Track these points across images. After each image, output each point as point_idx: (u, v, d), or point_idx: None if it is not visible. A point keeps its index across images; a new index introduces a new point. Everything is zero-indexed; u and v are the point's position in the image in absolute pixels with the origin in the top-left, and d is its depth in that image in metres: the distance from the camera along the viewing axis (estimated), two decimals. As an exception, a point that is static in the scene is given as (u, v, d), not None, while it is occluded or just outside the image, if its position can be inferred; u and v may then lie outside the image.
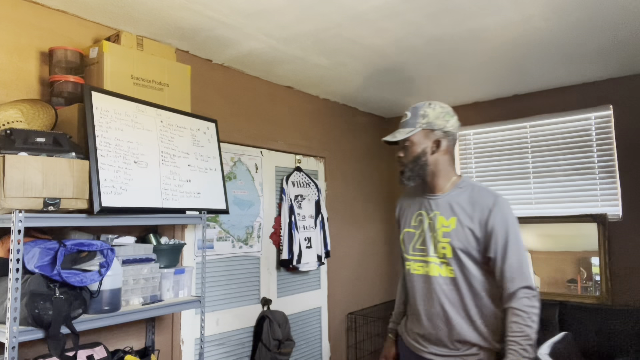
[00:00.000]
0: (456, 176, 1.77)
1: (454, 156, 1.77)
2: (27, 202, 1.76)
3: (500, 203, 1.65)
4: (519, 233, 1.63)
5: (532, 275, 1.59)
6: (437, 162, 1.73)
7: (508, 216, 1.63)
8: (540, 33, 2.86)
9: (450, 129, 1.72)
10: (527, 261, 1.61)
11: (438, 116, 1.70)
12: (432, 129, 1.70)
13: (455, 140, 1.77)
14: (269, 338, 3.27)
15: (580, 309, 3.65)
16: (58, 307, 1.80)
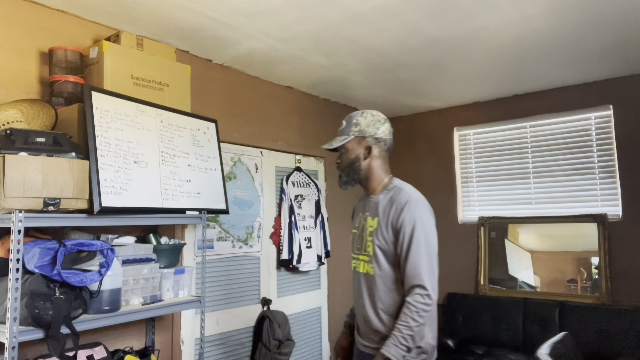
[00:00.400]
0: (387, 178, 1.87)
1: (387, 160, 1.90)
2: (27, 202, 1.76)
3: (412, 203, 1.71)
4: (427, 233, 1.68)
5: (431, 276, 1.64)
6: (370, 167, 1.85)
7: (417, 216, 1.69)
8: (540, 33, 2.86)
9: (381, 136, 1.84)
10: (429, 262, 1.65)
11: (369, 124, 1.84)
12: (364, 136, 1.83)
13: (388, 146, 1.88)
14: (269, 338, 3.27)
15: (580, 309, 3.65)
16: (58, 307, 1.80)
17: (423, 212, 1.71)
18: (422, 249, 1.66)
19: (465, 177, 4.57)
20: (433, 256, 1.68)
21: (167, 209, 2.24)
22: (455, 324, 4.21)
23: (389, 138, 1.86)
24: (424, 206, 1.73)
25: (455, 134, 4.64)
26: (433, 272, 1.65)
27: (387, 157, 1.90)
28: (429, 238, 1.68)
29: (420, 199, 1.75)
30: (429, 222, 1.71)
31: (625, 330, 3.42)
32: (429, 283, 1.62)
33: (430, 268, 1.65)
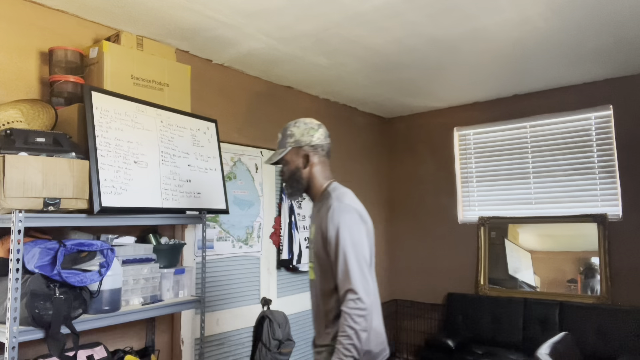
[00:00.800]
0: (327, 184, 1.85)
1: (327, 165, 1.89)
2: (27, 202, 1.76)
3: (336, 207, 1.69)
4: (353, 238, 1.64)
5: (362, 280, 1.60)
6: (310, 175, 1.84)
7: (341, 220, 1.66)
8: (540, 33, 2.86)
9: (317, 142, 1.83)
10: (358, 266, 1.61)
11: (303, 133, 1.83)
12: (300, 146, 1.83)
13: (326, 150, 1.87)
14: (269, 338, 3.27)
15: (580, 309, 3.65)
16: (58, 307, 1.80)
17: (349, 217, 1.67)
18: (350, 254, 1.62)
19: (465, 177, 4.57)
20: (362, 260, 1.63)
21: (167, 209, 2.24)
22: (455, 324, 4.21)
23: (325, 143, 1.86)
24: (350, 211, 1.69)
25: (455, 134, 4.64)
26: (364, 276, 1.61)
27: (327, 161, 1.89)
28: (356, 243, 1.64)
29: (348, 203, 1.70)
30: (355, 226, 1.66)
31: (625, 330, 3.42)
32: (360, 287, 1.58)
33: (359, 272, 1.60)
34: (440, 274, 4.60)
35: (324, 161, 1.86)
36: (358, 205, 1.75)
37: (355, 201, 1.75)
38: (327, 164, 1.88)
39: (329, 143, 1.89)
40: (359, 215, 1.70)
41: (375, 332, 1.69)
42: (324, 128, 1.87)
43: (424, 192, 4.80)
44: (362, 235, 1.67)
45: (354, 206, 1.71)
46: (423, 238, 4.77)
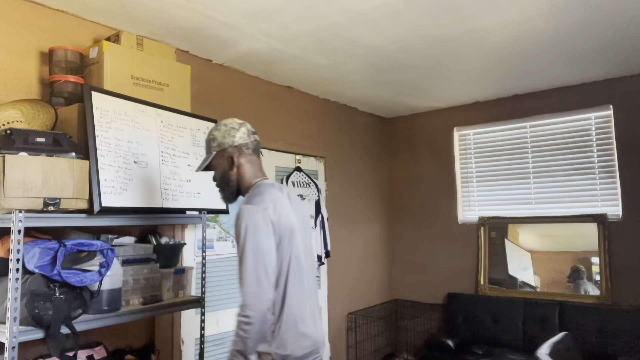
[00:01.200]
0: (254, 182, 1.81)
1: (256, 162, 1.85)
2: (27, 202, 1.76)
3: (241, 210, 1.65)
4: (252, 242, 1.60)
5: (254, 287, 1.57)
6: (239, 176, 1.81)
7: (242, 225, 1.62)
8: (540, 33, 2.86)
9: (240, 142, 1.80)
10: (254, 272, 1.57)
11: (224, 135, 1.80)
12: (224, 149, 1.80)
13: (252, 148, 1.83)
14: (269, 338, 3.27)
15: (580, 309, 3.65)
16: (58, 307, 1.80)
17: (252, 217, 1.62)
18: (246, 261, 1.58)
19: (465, 177, 4.57)
20: (260, 264, 1.58)
21: (167, 209, 2.24)
22: (455, 324, 4.21)
23: (250, 140, 1.82)
24: (254, 213, 1.62)
25: (455, 134, 4.64)
26: (258, 282, 1.57)
27: (257, 159, 1.85)
28: (256, 248, 1.59)
29: (254, 204, 1.64)
30: (258, 230, 1.60)
31: (625, 330, 3.42)
32: (249, 295, 1.56)
33: (254, 279, 1.57)
34: (440, 274, 4.60)
35: (252, 160, 1.83)
36: (271, 205, 1.66)
37: (268, 202, 1.66)
38: (256, 162, 1.84)
39: (255, 140, 1.86)
40: (265, 218, 1.63)
41: (299, 335, 1.65)
42: (246, 126, 1.84)
43: (424, 192, 4.80)
44: (265, 240, 1.61)
45: (263, 207, 1.64)
46: (423, 238, 4.77)
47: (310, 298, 1.75)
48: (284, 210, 1.70)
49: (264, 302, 1.57)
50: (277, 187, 1.80)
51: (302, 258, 1.74)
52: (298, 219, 1.79)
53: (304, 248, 1.78)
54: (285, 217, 1.70)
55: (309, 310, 1.73)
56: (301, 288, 1.71)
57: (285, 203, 1.74)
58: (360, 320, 4.38)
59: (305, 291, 1.73)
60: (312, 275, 1.82)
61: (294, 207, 1.81)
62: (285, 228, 1.68)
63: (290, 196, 1.85)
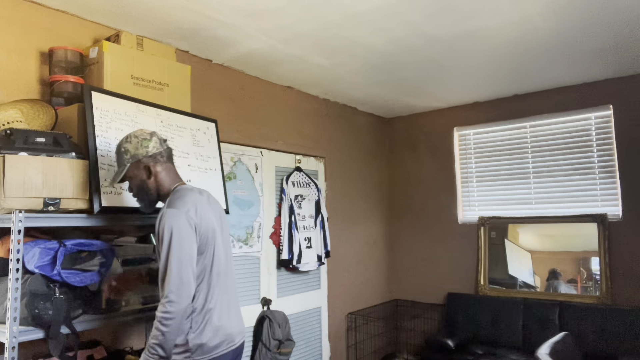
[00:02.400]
0: (173, 187, 1.89)
1: (171, 169, 1.92)
2: (27, 202, 1.76)
3: (164, 213, 1.74)
4: (176, 243, 1.68)
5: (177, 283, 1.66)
6: (157, 184, 1.88)
7: (165, 225, 1.70)
8: (540, 33, 2.86)
9: (154, 151, 1.87)
10: (177, 269, 1.66)
11: (137, 147, 1.85)
12: (139, 159, 1.85)
13: (166, 156, 1.90)
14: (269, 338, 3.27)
15: (580, 309, 3.65)
16: (58, 307, 1.80)
17: (175, 219, 1.70)
18: (173, 259, 1.67)
19: (465, 177, 4.57)
20: (183, 263, 1.68)
21: (167, 209, 2.23)
22: (455, 324, 4.21)
23: (163, 149, 1.89)
24: (177, 215, 1.71)
25: (455, 134, 4.64)
26: (181, 280, 1.66)
27: (171, 165, 1.93)
28: (178, 247, 1.68)
29: (176, 208, 1.73)
30: (179, 229, 1.69)
31: (625, 330, 3.42)
32: (173, 293, 1.64)
33: (177, 277, 1.66)
34: (440, 274, 4.60)
35: (167, 167, 1.90)
36: (192, 208, 1.76)
37: (189, 205, 1.76)
38: (171, 168, 1.92)
39: (167, 148, 1.92)
40: (187, 220, 1.72)
41: (215, 327, 1.78)
42: (157, 136, 1.90)
43: (424, 192, 4.80)
44: (188, 241, 1.71)
45: (185, 210, 1.73)
46: (423, 238, 4.77)
47: (227, 293, 1.89)
48: (204, 213, 1.82)
49: (186, 299, 1.67)
50: (197, 190, 1.89)
51: (222, 257, 1.87)
52: (217, 220, 1.91)
53: (223, 247, 1.91)
54: (206, 219, 1.81)
55: (225, 305, 1.86)
56: (219, 285, 1.84)
57: (205, 205, 1.85)
58: (360, 320, 4.38)
59: (223, 288, 1.86)
60: (230, 272, 1.95)
61: (214, 209, 1.92)
62: (207, 229, 1.80)
63: (210, 199, 1.94)
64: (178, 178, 1.93)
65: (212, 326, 1.78)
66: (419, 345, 4.57)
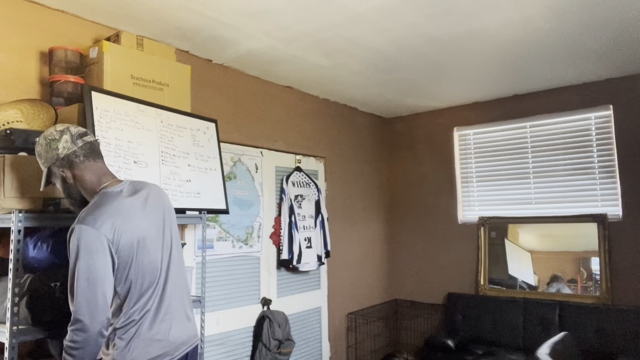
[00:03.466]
0: (99, 190, 1.67)
1: (93, 168, 1.67)
2: (27, 202, 1.76)
3: (73, 230, 1.53)
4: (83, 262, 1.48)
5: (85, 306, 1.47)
6: (82, 186, 1.67)
7: (73, 244, 1.51)
8: (540, 33, 2.86)
9: (65, 152, 1.63)
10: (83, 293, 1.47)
11: (47, 150, 1.64)
12: (53, 164, 1.64)
13: (83, 152, 1.65)
14: (269, 338, 3.28)
15: (580, 309, 3.65)
16: (58, 307, 1.80)
17: (83, 236, 1.50)
18: (80, 280, 1.48)
19: (465, 177, 4.57)
20: (92, 286, 1.48)
21: (167, 209, 2.23)
22: (455, 324, 4.21)
23: (76, 147, 1.64)
24: (85, 231, 1.50)
25: (455, 134, 4.64)
26: (88, 305, 1.47)
27: (93, 163, 1.67)
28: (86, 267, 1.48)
29: (85, 224, 1.51)
30: (87, 247, 1.49)
31: (625, 330, 3.42)
32: (81, 315, 1.46)
33: (84, 301, 1.47)
34: (440, 274, 4.60)
35: (88, 166, 1.66)
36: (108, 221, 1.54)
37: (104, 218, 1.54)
38: (94, 167, 1.67)
39: (86, 143, 1.67)
40: (98, 237, 1.50)
41: (145, 340, 1.59)
42: (69, 132, 1.65)
43: (424, 192, 4.80)
44: (97, 259, 1.50)
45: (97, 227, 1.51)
46: (423, 238, 4.77)
47: (169, 301, 1.69)
48: (128, 223, 1.59)
49: (97, 324, 1.48)
50: (126, 192, 1.67)
51: (157, 263, 1.67)
52: (155, 223, 1.70)
53: (161, 252, 1.70)
54: (128, 230, 1.58)
55: (162, 314, 1.66)
56: (155, 293, 1.64)
57: (132, 212, 1.63)
58: (360, 320, 4.38)
59: (160, 295, 1.66)
60: (174, 276, 1.73)
61: (152, 210, 1.71)
62: (129, 242, 1.58)
63: (148, 198, 1.72)
64: (106, 177, 1.69)
65: (141, 340, 1.59)
66: (419, 345, 4.57)
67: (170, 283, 1.72)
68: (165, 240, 1.74)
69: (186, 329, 1.74)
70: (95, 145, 1.70)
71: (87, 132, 1.71)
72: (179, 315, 1.72)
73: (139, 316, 1.60)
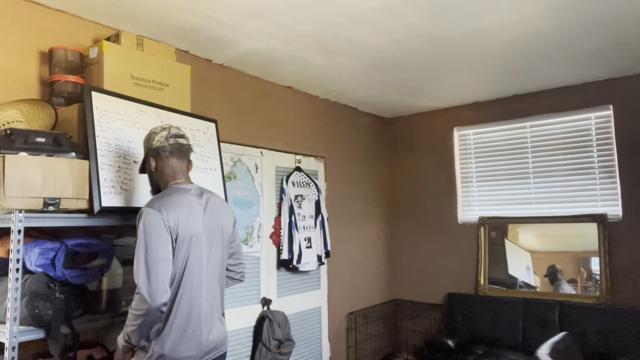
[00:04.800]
0: (170, 185, 1.89)
1: (173, 165, 1.90)
2: (27, 202, 1.76)
3: (140, 212, 1.75)
4: (146, 241, 1.68)
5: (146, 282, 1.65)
6: (159, 177, 1.92)
7: (140, 225, 1.72)
8: (540, 33, 2.86)
9: (158, 145, 1.89)
10: (145, 268, 1.65)
11: (147, 140, 1.93)
12: (147, 152, 1.93)
13: (169, 150, 1.89)
14: (269, 338, 3.28)
15: (580, 309, 3.65)
16: (58, 307, 1.80)
17: (149, 218, 1.71)
18: (140, 257, 1.67)
19: (465, 177, 4.57)
20: (154, 263, 1.66)
21: (167, 209, 2.23)
22: (455, 324, 4.21)
23: (167, 144, 1.88)
24: (151, 214, 1.71)
25: (455, 134, 4.64)
26: (149, 279, 1.64)
27: (175, 161, 1.90)
28: (148, 246, 1.68)
29: (152, 208, 1.73)
30: (153, 228, 1.69)
31: (625, 330, 3.42)
32: (143, 288, 1.63)
33: (146, 277, 1.64)
34: (440, 274, 4.60)
35: (170, 163, 1.89)
36: (172, 210, 1.74)
37: (168, 206, 1.74)
38: (175, 165, 1.90)
39: (176, 143, 1.89)
40: (161, 221, 1.71)
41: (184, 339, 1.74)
42: (168, 130, 1.91)
43: (424, 192, 4.80)
44: (158, 241, 1.69)
45: (159, 210, 1.72)
46: (423, 238, 4.77)
47: (206, 304, 1.82)
48: (186, 217, 1.77)
49: (157, 298, 1.64)
50: (193, 193, 1.88)
51: (203, 264, 1.82)
52: (212, 229, 1.88)
53: (207, 255, 1.84)
54: (185, 223, 1.76)
55: (203, 316, 1.80)
56: (195, 294, 1.78)
57: (194, 210, 1.82)
58: (360, 320, 4.38)
59: (202, 297, 1.80)
60: (214, 283, 1.88)
61: (214, 216, 1.90)
62: (184, 233, 1.75)
63: (212, 205, 1.92)
64: (180, 176, 1.90)
65: (179, 337, 1.73)
66: (419, 345, 4.57)
67: (210, 291, 1.86)
68: (215, 250, 1.89)
69: (219, 335, 1.89)
70: (184, 147, 1.93)
71: (184, 135, 1.96)
72: (214, 322, 1.87)
73: (178, 314, 1.74)
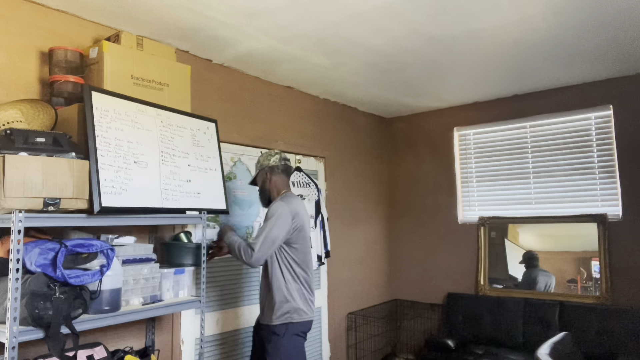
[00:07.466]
0: (282, 192, 2.67)
1: (283, 179, 2.70)
2: (27, 202, 1.76)
3: (274, 205, 2.53)
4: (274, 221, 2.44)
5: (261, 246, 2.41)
6: (271, 187, 2.69)
7: (273, 209, 2.50)
8: (539, 33, 2.86)
9: (273, 163, 2.68)
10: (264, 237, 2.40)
11: (265, 159, 2.70)
12: (263, 169, 2.70)
13: (282, 168, 2.69)
14: (269, 338, 3.26)
15: (580, 309, 3.65)
16: (58, 307, 1.80)
17: (281, 209, 2.48)
18: (266, 229, 2.42)
19: (465, 177, 4.57)
20: (269, 238, 2.41)
21: (167, 209, 2.23)
22: (455, 324, 4.21)
23: (280, 164, 2.68)
24: (283, 206, 2.49)
25: (455, 134, 4.64)
26: (264, 244, 2.39)
27: (284, 177, 2.71)
28: (274, 224, 2.43)
29: (284, 202, 2.51)
30: (280, 217, 2.45)
31: (625, 330, 3.42)
32: (258, 247, 2.38)
33: (264, 241, 2.40)
34: (440, 274, 4.60)
35: (281, 178, 2.69)
36: (296, 209, 2.53)
37: (294, 206, 2.53)
38: (284, 179, 2.70)
39: (285, 164, 2.69)
40: (288, 212, 2.48)
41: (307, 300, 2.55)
42: (280, 154, 2.70)
43: (424, 192, 4.80)
44: (281, 226, 2.44)
45: (290, 207, 2.50)
46: (423, 238, 4.77)
47: (311, 275, 2.63)
48: (300, 213, 2.55)
49: (261, 255, 2.42)
50: (298, 197, 2.66)
51: (309, 246, 2.61)
52: (307, 220, 2.64)
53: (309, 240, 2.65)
54: (300, 217, 2.55)
55: (311, 284, 2.60)
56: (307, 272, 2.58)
57: (301, 208, 2.58)
58: (360, 320, 4.38)
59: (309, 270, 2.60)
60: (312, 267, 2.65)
61: (306, 214, 2.64)
62: (299, 223, 2.54)
63: (304, 204, 2.70)
64: (287, 187, 2.70)
65: (303, 299, 2.52)
66: (419, 345, 4.57)
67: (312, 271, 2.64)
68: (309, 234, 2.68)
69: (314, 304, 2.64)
70: (289, 168, 2.74)
71: (289, 159, 2.75)
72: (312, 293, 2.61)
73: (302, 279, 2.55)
